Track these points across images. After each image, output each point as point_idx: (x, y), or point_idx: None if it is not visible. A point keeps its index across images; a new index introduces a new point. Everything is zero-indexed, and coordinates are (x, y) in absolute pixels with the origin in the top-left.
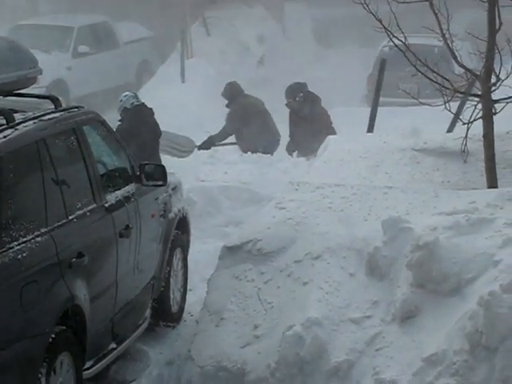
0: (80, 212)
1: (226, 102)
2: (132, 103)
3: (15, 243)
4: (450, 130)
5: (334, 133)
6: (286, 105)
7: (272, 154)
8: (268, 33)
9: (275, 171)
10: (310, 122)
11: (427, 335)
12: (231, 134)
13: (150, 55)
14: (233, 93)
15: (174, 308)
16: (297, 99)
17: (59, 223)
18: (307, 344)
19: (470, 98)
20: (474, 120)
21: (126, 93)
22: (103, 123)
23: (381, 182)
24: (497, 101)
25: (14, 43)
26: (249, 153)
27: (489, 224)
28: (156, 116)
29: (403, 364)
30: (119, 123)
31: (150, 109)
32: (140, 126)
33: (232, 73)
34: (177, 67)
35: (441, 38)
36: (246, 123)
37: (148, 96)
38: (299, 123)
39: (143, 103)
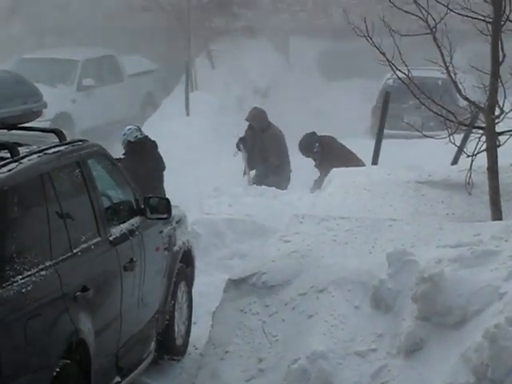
0: (84, 245)
1: (251, 124)
2: (136, 136)
3: (19, 277)
4: (454, 163)
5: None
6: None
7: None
8: (272, 65)
9: (280, 204)
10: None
11: (433, 368)
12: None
13: (155, 88)
14: (267, 118)
15: (179, 341)
16: (315, 151)
17: (64, 257)
18: (312, 378)
19: (473, 130)
20: (478, 152)
21: (130, 126)
22: (108, 156)
23: (385, 215)
24: (501, 133)
25: (19, 77)
26: (254, 185)
27: (494, 256)
28: (160, 149)
29: None
30: (123, 157)
31: (154, 142)
32: (144, 160)
33: (236, 105)
34: (181, 100)
35: (444, 71)
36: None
37: (152, 129)
38: (327, 166)
39: (147, 136)
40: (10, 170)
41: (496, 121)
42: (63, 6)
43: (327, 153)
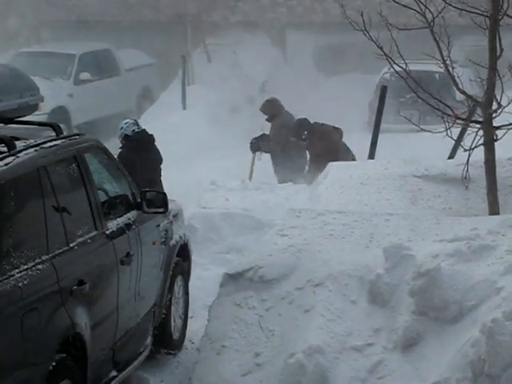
0: (81, 239)
1: (266, 116)
2: (133, 130)
3: (16, 271)
4: (451, 157)
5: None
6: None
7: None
8: (269, 59)
9: (277, 198)
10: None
11: (429, 363)
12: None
13: (152, 82)
14: (276, 108)
15: (175, 335)
16: (303, 137)
17: (60, 250)
18: (309, 372)
19: (471, 124)
20: (476, 146)
21: (127, 120)
22: (104, 150)
23: (382, 209)
24: (498, 127)
25: (16, 70)
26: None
27: (491, 251)
28: (157, 143)
29: None
30: (120, 150)
31: (151, 135)
32: (141, 153)
33: (233, 99)
34: (178, 94)
35: (442, 65)
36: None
37: (149, 122)
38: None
39: (144, 130)
40: (6, 164)
41: (493, 115)
42: (60, 0)
43: (315, 142)
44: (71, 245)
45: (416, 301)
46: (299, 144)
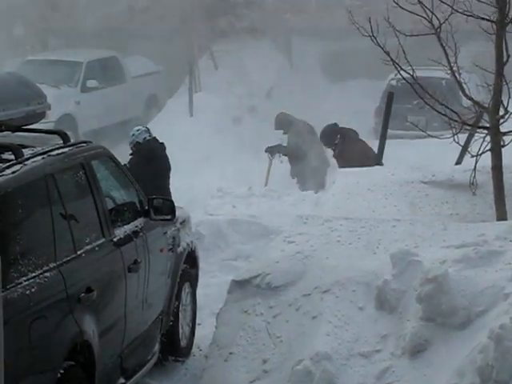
0: (88, 247)
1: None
2: (144, 138)
3: (24, 278)
4: (458, 163)
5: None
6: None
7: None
8: (275, 66)
9: (283, 204)
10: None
11: (437, 369)
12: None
13: (158, 89)
14: (287, 120)
15: (183, 342)
16: (336, 142)
17: (68, 258)
18: (316, 379)
19: (478, 130)
20: (483, 152)
21: (139, 127)
22: (112, 158)
23: (389, 215)
24: (505, 133)
25: (23, 79)
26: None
27: (498, 257)
28: None
29: None
30: (131, 157)
31: (162, 143)
32: (152, 161)
33: (240, 106)
34: (185, 101)
35: (448, 71)
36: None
37: (156, 130)
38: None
39: (155, 138)
40: (14, 172)
41: (500, 121)
42: (66, 8)
43: (348, 144)
44: (79, 252)
45: (423, 307)
46: (324, 150)
